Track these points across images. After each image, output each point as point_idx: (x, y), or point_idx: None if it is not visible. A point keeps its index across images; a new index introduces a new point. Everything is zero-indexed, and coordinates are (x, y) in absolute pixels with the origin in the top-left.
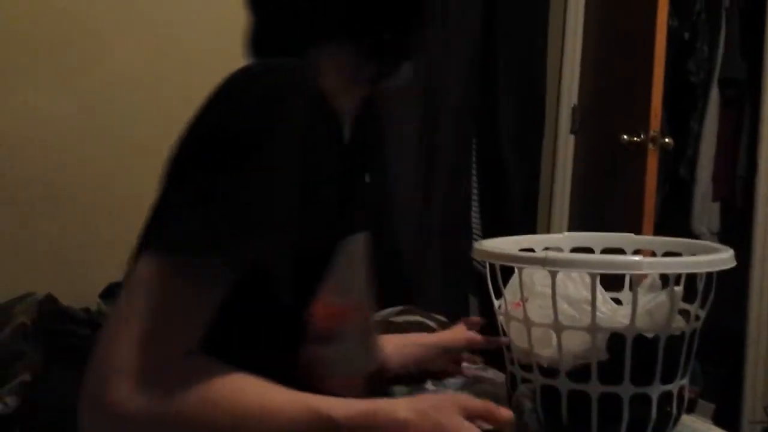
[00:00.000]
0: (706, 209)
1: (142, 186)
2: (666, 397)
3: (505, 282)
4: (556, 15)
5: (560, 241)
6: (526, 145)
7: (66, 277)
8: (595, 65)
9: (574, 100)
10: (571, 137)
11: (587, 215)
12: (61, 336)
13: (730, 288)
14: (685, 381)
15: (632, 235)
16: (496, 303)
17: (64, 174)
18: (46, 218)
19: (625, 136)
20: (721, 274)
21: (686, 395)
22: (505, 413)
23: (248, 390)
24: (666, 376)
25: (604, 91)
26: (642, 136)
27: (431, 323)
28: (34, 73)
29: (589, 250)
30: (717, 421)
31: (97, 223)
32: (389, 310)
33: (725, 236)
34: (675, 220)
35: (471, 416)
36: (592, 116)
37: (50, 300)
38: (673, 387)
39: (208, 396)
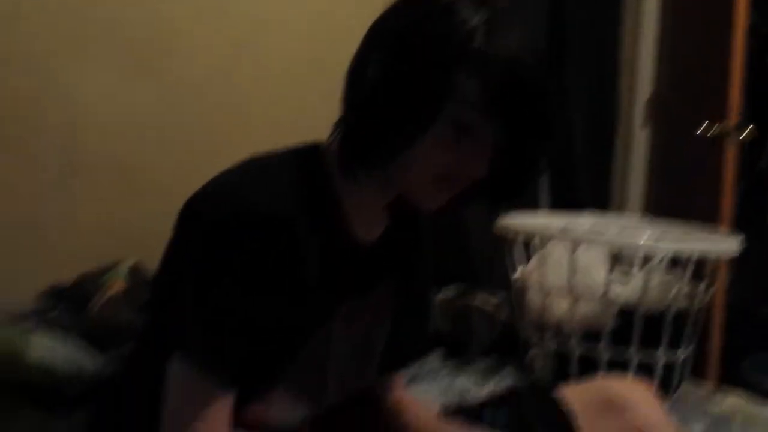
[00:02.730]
0: None
1: (214, 165)
2: (670, 365)
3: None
4: (630, 3)
5: (577, 219)
6: (597, 138)
7: (149, 250)
8: (672, 55)
9: (649, 90)
10: (645, 129)
11: (664, 205)
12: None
13: None
14: (689, 351)
15: (647, 219)
16: (514, 274)
17: (141, 159)
18: (124, 200)
19: (704, 127)
20: None
21: (689, 364)
22: None
23: None
24: (671, 346)
25: (681, 81)
26: (720, 127)
27: (490, 306)
28: (114, 61)
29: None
30: None
31: (170, 207)
32: (449, 290)
33: None
34: (755, 214)
35: None
36: (669, 107)
37: (138, 269)
38: (677, 356)
39: None
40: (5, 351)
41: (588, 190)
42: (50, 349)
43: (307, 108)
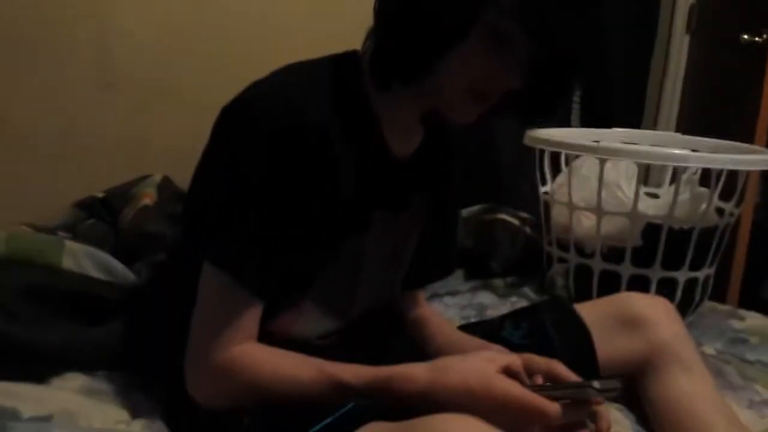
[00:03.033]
0: None
1: (246, 80)
2: (692, 283)
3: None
4: None
5: (608, 134)
6: (636, 44)
7: (179, 162)
8: None
9: None
10: (687, 37)
11: (699, 119)
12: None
13: None
14: (711, 271)
15: (678, 134)
16: (542, 188)
17: (173, 76)
18: (156, 115)
19: (746, 36)
20: None
21: (710, 284)
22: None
23: (278, 362)
24: (695, 264)
25: None
26: (764, 35)
27: (515, 221)
28: None
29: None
30: None
31: (204, 114)
32: (475, 208)
33: None
34: None
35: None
36: (712, 14)
37: (167, 183)
38: (700, 274)
39: (256, 376)
40: (41, 260)
41: (621, 104)
42: (84, 258)
43: (344, 16)
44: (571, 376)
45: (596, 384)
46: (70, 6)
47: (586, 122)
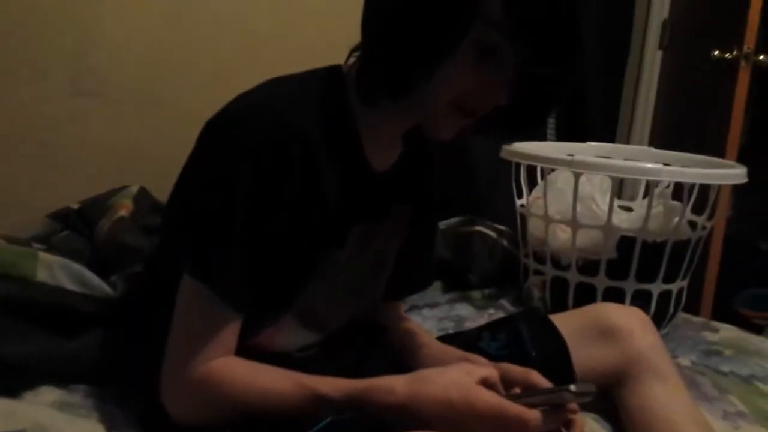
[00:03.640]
0: None
1: (230, 92)
2: (666, 295)
3: (530, 186)
4: None
5: (582, 148)
6: (609, 60)
7: (156, 175)
8: None
9: (666, 13)
10: (659, 53)
11: (671, 134)
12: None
13: None
14: (684, 283)
15: (651, 148)
16: (518, 201)
17: (153, 83)
18: (135, 123)
19: (717, 52)
20: None
21: (684, 296)
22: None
23: (255, 375)
24: (668, 276)
25: (698, 5)
26: (735, 52)
27: (492, 233)
28: None
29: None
30: None
31: (184, 124)
32: (452, 220)
33: None
34: (762, 143)
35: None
36: (684, 31)
37: (144, 194)
38: (673, 287)
39: (233, 391)
40: (14, 272)
41: (596, 119)
42: (59, 270)
43: (326, 27)
44: (548, 385)
45: (572, 387)
46: (50, 14)
47: (562, 136)
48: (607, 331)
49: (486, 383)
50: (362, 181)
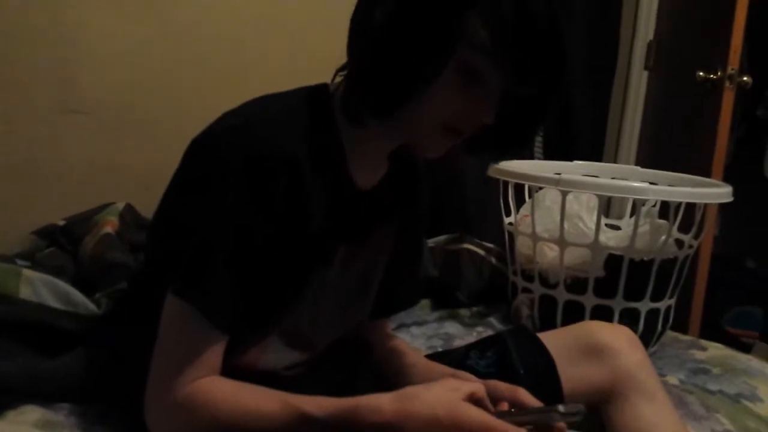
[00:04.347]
0: None
1: (216, 110)
2: (654, 314)
3: (518, 204)
4: None
5: (570, 167)
6: (596, 80)
7: (142, 193)
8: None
9: (651, 34)
10: (645, 73)
11: (657, 154)
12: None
13: None
14: (672, 301)
15: (638, 167)
16: (506, 219)
17: (138, 101)
18: (120, 141)
19: (701, 73)
20: None
21: (672, 314)
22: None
23: (240, 395)
24: (656, 295)
25: (683, 26)
26: (719, 73)
27: (480, 251)
28: (114, 1)
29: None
30: None
31: (171, 142)
32: (441, 237)
33: None
34: (748, 162)
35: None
36: (669, 52)
37: (130, 211)
38: (661, 305)
39: (218, 411)
40: None
41: (583, 137)
42: (42, 287)
43: (311, 47)
44: (535, 402)
45: (560, 408)
46: (35, 31)
47: (549, 155)
48: (594, 349)
49: (473, 399)
50: (348, 200)
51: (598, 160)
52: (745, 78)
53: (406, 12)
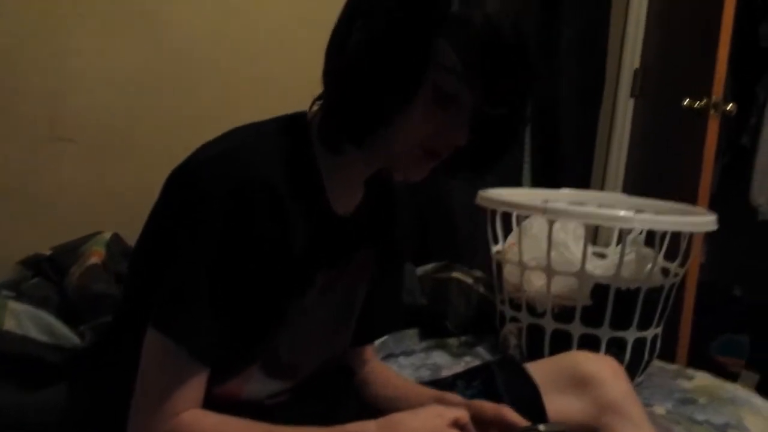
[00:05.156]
0: (767, 180)
1: (205, 136)
2: (640, 343)
3: (506, 232)
4: None
5: (557, 195)
6: (582, 108)
7: (131, 220)
8: (661, 27)
9: (637, 62)
10: (632, 100)
11: (643, 181)
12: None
13: None
14: (659, 330)
15: (624, 195)
16: (493, 247)
17: (126, 126)
18: (109, 167)
19: (687, 101)
20: None
21: (658, 343)
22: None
23: (223, 429)
24: (642, 323)
25: (669, 54)
26: (704, 101)
27: (469, 279)
28: (105, 25)
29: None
30: (761, 391)
31: (161, 169)
32: (429, 266)
33: None
34: (733, 190)
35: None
36: (655, 79)
37: (117, 241)
38: (648, 334)
39: None
40: None
41: (570, 165)
42: (26, 320)
43: (297, 72)
44: (521, 420)
45: (541, 427)
46: (26, 59)
47: (537, 183)
48: (580, 379)
49: (457, 425)
50: (326, 226)
51: (586, 187)
52: (729, 106)
53: (377, 39)
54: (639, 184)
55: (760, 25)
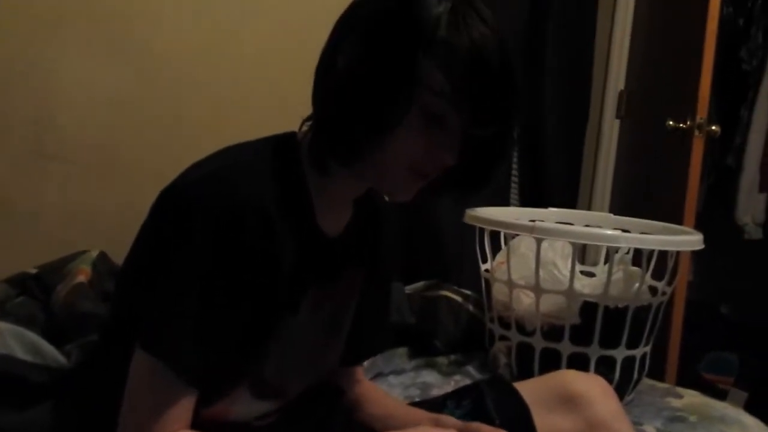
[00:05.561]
0: (752, 199)
1: (193, 156)
2: (630, 361)
3: (494, 250)
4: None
5: (544, 214)
6: (569, 128)
7: (117, 239)
8: (645, 49)
9: (622, 84)
10: (617, 122)
11: (630, 201)
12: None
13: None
14: (647, 348)
15: (611, 214)
16: (482, 266)
17: (115, 144)
18: (97, 185)
19: (671, 122)
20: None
21: (647, 361)
22: None
23: None
24: (631, 342)
25: (653, 76)
26: (688, 122)
27: (458, 298)
28: (90, 44)
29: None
30: (749, 409)
31: (148, 189)
32: (418, 284)
33: None
34: (719, 210)
35: None
36: (640, 101)
37: (103, 259)
38: (637, 353)
39: None
40: None
41: (558, 186)
42: (11, 339)
43: (287, 92)
44: None
45: None
46: (12, 75)
47: (525, 202)
48: (569, 398)
49: None
50: (315, 246)
51: (573, 207)
52: (714, 127)
53: (365, 61)
54: (626, 203)
55: (740, 50)
